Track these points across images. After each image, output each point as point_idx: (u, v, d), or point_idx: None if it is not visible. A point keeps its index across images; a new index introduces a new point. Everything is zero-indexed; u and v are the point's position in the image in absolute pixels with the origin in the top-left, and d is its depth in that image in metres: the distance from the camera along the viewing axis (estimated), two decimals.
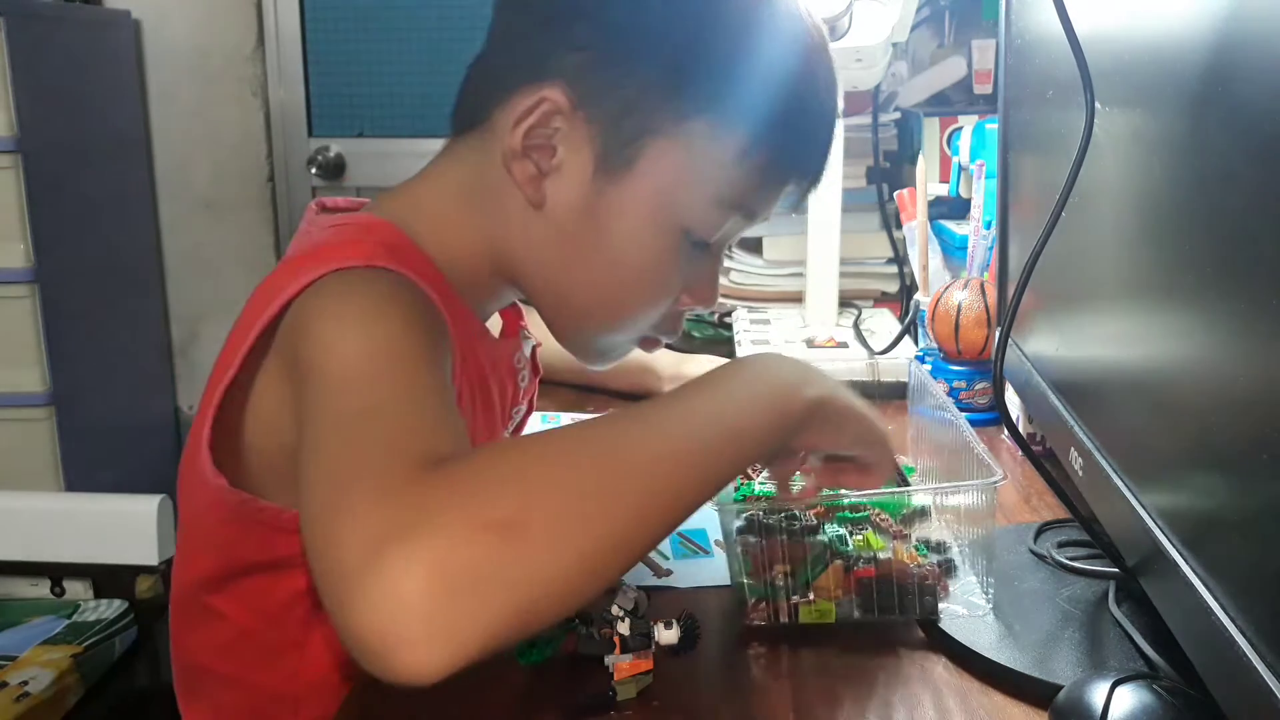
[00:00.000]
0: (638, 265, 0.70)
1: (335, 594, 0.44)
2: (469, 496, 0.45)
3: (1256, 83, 0.42)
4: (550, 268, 0.71)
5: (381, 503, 0.45)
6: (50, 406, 1.99)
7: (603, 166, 0.67)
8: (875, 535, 0.69)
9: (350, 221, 0.71)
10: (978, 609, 0.66)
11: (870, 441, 0.66)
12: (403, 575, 0.42)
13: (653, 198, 0.68)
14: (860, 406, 0.66)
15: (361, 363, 0.56)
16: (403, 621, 0.42)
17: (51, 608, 1.75)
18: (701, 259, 0.72)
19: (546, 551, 0.45)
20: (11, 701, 1.47)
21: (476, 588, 0.43)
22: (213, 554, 0.69)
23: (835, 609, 0.65)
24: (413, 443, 0.49)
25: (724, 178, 0.68)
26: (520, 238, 0.70)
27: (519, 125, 0.66)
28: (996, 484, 0.65)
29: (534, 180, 0.68)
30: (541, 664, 0.61)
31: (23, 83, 1.90)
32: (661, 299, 0.72)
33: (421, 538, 0.43)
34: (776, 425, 0.59)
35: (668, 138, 0.66)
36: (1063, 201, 0.60)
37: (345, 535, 0.44)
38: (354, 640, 0.43)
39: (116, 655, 1.70)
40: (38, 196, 1.94)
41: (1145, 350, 0.56)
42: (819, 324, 1.22)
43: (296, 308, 0.62)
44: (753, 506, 0.69)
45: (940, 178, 1.37)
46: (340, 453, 0.49)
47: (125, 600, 1.77)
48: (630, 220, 0.68)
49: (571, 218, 0.68)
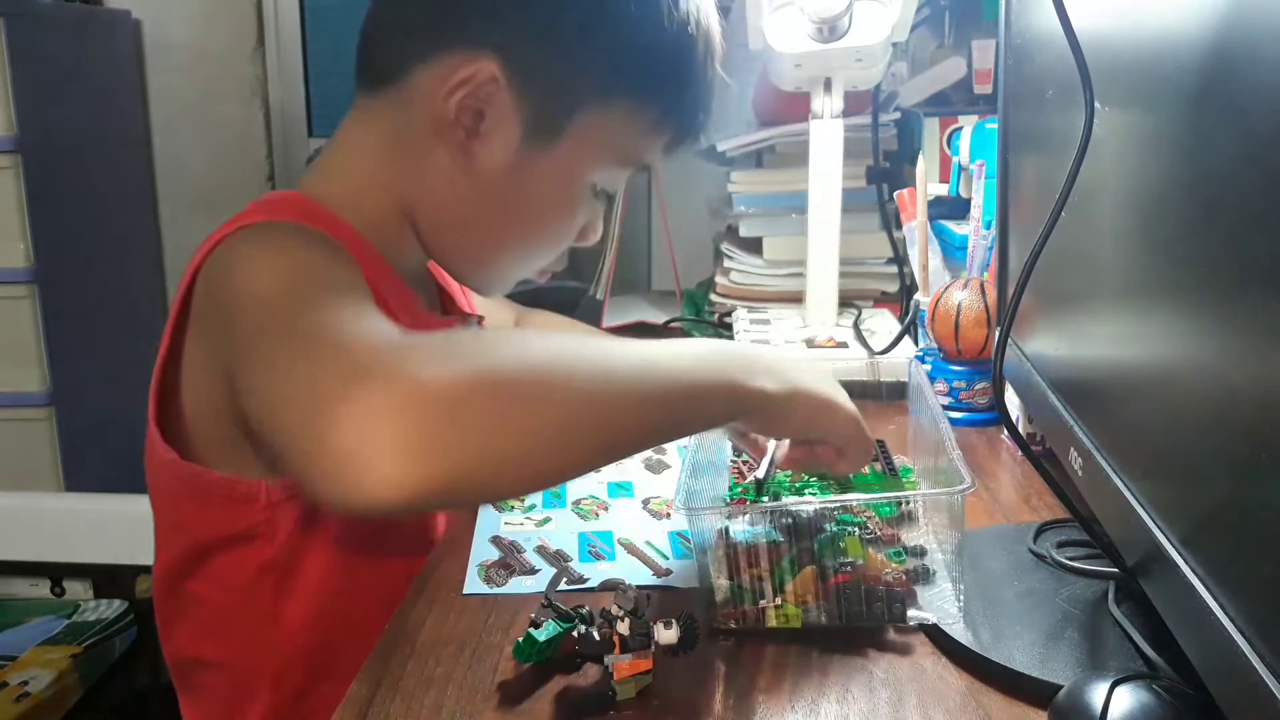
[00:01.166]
0: (552, 218, 0.78)
1: (311, 428, 0.45)
2: (438, 355, 0.48)
3: (1256, 83, 0.42)
4: (467, 222, 0.77)
5: (355, 370, 0.46)
6: (50, 406, 1.99)
7: (531, 135, 0.72)
8: (854, 541, 0.68)
9: (263, 198, 0.74)
10: (949, 616, 0.65)
11: (843, 436, 0.69)
12: (381, 397, 0.45)
13: (574, 163, 0.75)
14: (835, 400, 0.68)
15: (281, 285, 0.57)
16: (374, 438, 0.44)
17: (51, 608, 1.75)
18: (594, 204, 0.80)
19: (506, 421, 0.48)
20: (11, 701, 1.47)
21: (452, 420, 0.45)
22: (179, 536, 0.71)
23: (803, 614, 0.65)
24: (360, 325, 0.50)
25: (639, 147, 0.77)
26: (440, 194, 0.75)
27: (452, 95, 0.70)
28: (963, 492, 0.63)
29: (462, 144, 0.72)
30: (541, 664, 0.61)
31: (23, 83, 1.90)
32: (565, 243, 0.81)
33: (395, 380, 0.45)
34: (723, 406, 0.61)
35: (594, 112, 0.73)
36: (1062, 201, 0.60)
37: (322, 386, 0.46)
38: (323, 464, 0.44)
39: (116, 655, 1.70)
40: (38, 196, 1.94)
41: (1145, 350, 0.56)
42: (819, 324, 1.22)
43: (205, 269, 0.65)
44: (738, 509, 0.69)
45: (940, 178, 1.37)
46: (294, 365, 0.49)
47: (125, 600, 1.77)
48: (551, 182, 0.75)
49: (495, 178, 0.73)
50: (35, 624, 1.70)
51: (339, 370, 0.47)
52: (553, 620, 0.60)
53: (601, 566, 0.74)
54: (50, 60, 2.01)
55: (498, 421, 0.48)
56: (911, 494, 0.77)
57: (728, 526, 0.69)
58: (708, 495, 0.74)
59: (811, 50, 1.10)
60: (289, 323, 0.53)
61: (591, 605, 0.62)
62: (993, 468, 0.92)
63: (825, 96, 1.17)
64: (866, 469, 0.83)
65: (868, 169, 1.38)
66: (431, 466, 0.45)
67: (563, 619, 0.60)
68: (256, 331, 0.55)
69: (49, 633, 1.67)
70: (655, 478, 0.89)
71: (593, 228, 0.82)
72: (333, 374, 0.47)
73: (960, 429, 1.00)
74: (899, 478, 0.82)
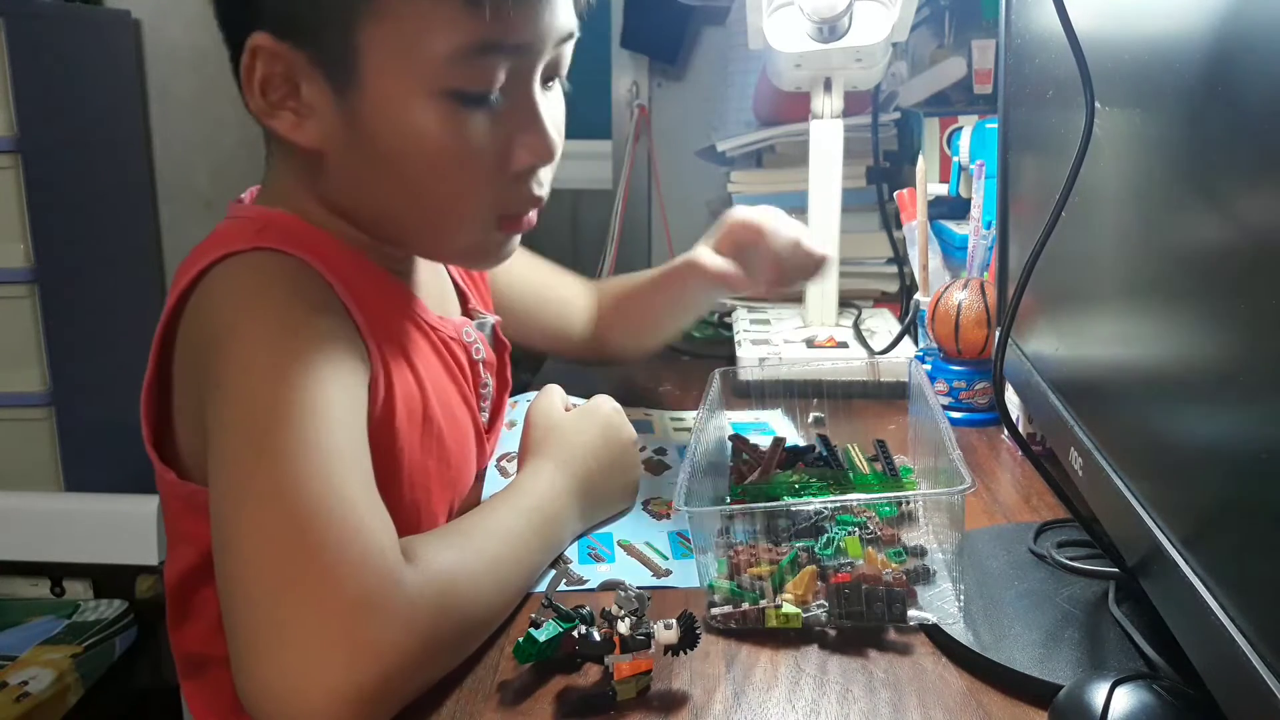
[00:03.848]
0: (423, 153, 0.67)
1: (255, 648, 0.53)
2: (390, 632, 0.54)
3: (1256, 82, 0.42)
4: (361, 200, 0.72)
5: (306, 633, 0.53)
6: (50, 406, 1.99)
7: (336, 82, 0.66)
8: (854, 541, 0.68)
9: (243, 213, 0.72)
10: (949, 616, 0.65)
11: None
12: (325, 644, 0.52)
13: (395, 83, 0.65)
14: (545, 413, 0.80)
15: (265, 387, 0.60)
16: (313, 681, 0.52)
17: (51, 608, 1.75)
18: (514, 112, 0.68)
19: (445, 659, 0.60)
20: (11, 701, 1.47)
21: (390, 680, 0.53)
22: (187, 547, 0.71)
23: (803, 614, 0.65)
24: (327, 553, 0.55)
25: (444, 23, 0.63)
26: (331, 187, 0.71)
27: (251, 83, 0.67)
28: (963, 492, 0.63)
29: (298, 127, 0.68)
30: (541, 664, 0.61)
31: (23, 83, 1.90)
32: (472, 174, 0.69)
33: (337, 671, 0.52)
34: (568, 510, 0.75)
35: (371, 20, 0.63)
36: (1063, 201, 0.60)
37: (274, 654, 0.53)
38: (256, 688, 0.52)
39: (116, 655, 1.70)
40: (38, 196, 1.94)
41: (1145, 350, 0.56)
42: (819, 324, 1.22)
43: (195, 304, 0.66)
44: (738, 509, 0.69)
45: (940, 178, 1.37)
46: (264, 569, 0.55)
47: (125, 600, 1.77)
48: (390, 117, 0.66)
49: (345, 145, 0.68)
50: (35, 624, 1.70)
51: (295, 600, 0.53)
52: (553, 620, 0.60)
53: (601, 568, 0.74)
54: (50, 60, 2.01)
55: (436, 669, 0.59)
56: (911, 494, 0.77)
57: (728, 526, 0.69)
58: (708, 495, 0.74)
59: (811, 50, 1.10)
60: (261, 459, 0.57)
61: (591, 605, 0.62)
62: (993, 468, 0.92)
63: (825, 96, 1.17)
64: (865, 469, 0.83)
65: (868, 169, 1.38)
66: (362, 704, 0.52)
67: (563, 619, 0.60)
68: (234, 431, 0.59)
69: (49, 633, 1.67)
70: (655, 478, 0.89)
71: (533, 137, 0.69)
72: (287, 601, 0.53)
73: (960, 429, 1.00)
74: (899, 478, 0.82)
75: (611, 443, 0.81)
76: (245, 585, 0.55)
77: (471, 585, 0.62)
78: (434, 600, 0.57)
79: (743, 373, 1.06)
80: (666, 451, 0.94)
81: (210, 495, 0.59)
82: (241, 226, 0.70)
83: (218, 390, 0.61)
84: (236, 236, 0.67)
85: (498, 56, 0.65)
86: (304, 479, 0.56)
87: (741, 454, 0.86)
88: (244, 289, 0.65)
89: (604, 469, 0.80)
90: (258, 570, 0.54)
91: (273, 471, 0.57)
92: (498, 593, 0.65)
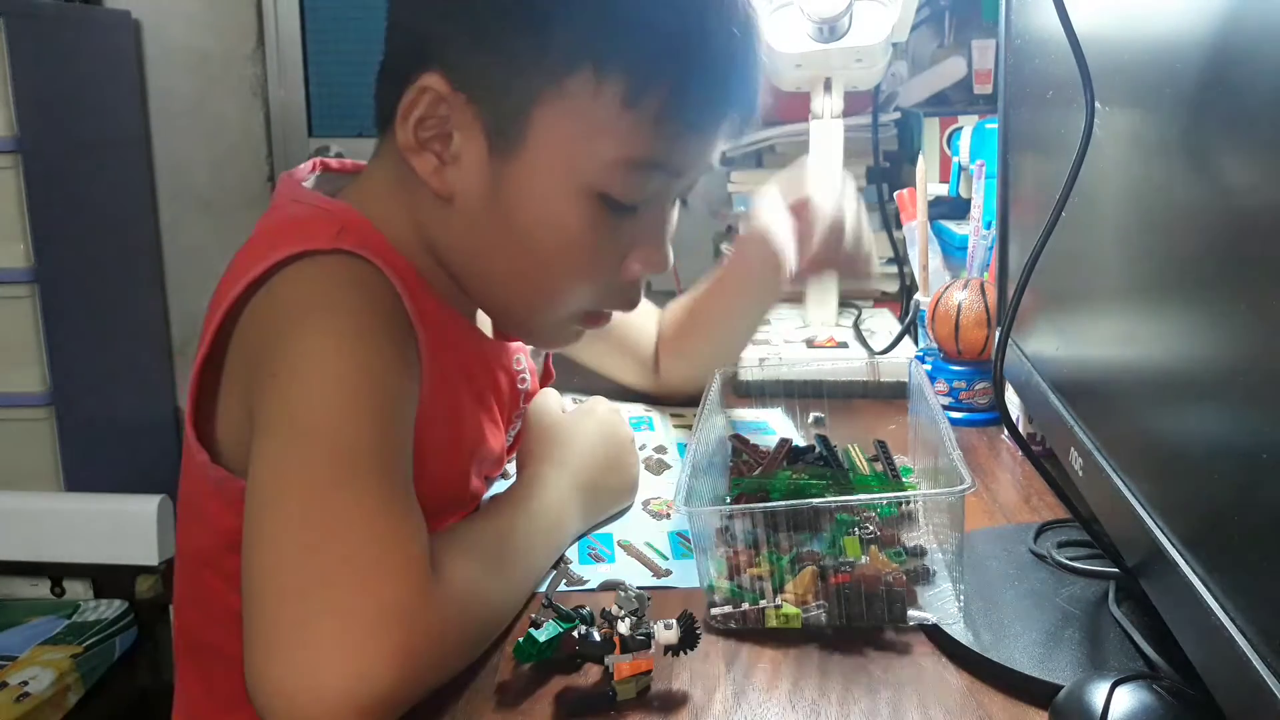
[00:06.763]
0: (554, 241, 0.67)
1: (274, 650, 0.53)
2: (416, 649, 0.53)
3: (1256, 83, 0.42)
4: (471, 256, 0.70)
5: (329, 651, 0.52)
6: (50, 406, 2.00)
7: (496, 146, 0.65)
8: (854, 541, 0.68)
9: (317, 202, 0.70)
10: (949, 617, 0.64)
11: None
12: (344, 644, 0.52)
13: (553, 168, 0.65)
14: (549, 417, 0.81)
15: (328, 413, 0.59)
16: (327, 675, 0.51)
17: (51, 608, 1.75)
18: (643, 222, 0.69)
19: (454, 662, 0.60)
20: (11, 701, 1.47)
21: (407, 676, 0.53)
22: (204, 528, 0.70)
23: (803, 614, 0.65)
24: (364, 558, 0.55)
25: (622, 132, 0.64)
26: (440, 230, 0.70)
27: (407, 118, 0.66)
28: (963, 492, 0.63)
29: (437, 172, 0.67)
30: (541, 664, 0.61)
31: (23, 83, 1.90)
32: (589, 272, 0.69)
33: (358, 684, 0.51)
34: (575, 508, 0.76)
35: (551, 102, 0.63)
36: (1063, 201, 0.60)
37: (295, 662, 0.52)
38: (270, 685, 0.52)
39: (116, 655, 1.70)
40: (38, 196, 1.95)
41: (1145, 350, 0.56)
42: (819, 324, 1.22)
43: (261, 307, 0.64)
44: (738, 509, 0.69)
45: (940, 178, 1.37)
46: (297, 566, 0.55)
47: (125, 600, 1.77)
48: (536, 196, 0.66)
49: (479, 204, 0.67)
50: (35, 624, 1.70)
51: (324, 600, 0.53)
52: (553, 620, 0.60)
53: (601, 568, 0.74)
54: (50, 60, 2.01)
55: (446, 675, 0.59)
56: (911, 494, 0.77)
57: (728, 526, 0.69)
58: (708, 495, 0.74)
59: (811, 50, 1.10)
60: (312, 455, 0.57)
61: (591, 605, 0.62)
62: (993, 468, 0.92)
63: (825, 96, 1.17)
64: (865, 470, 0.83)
65: (868, 169, 1.38)
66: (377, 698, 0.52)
67: (563, 619, 0.60)
68: (285, 424, 0.58)
69: (49, 633, 1.67)
70: (655, 478, 0.89)
71: (652, 250, 0.70)
72: (316, 601, 0.53)
73: (960, 429, 1.00)
74: (899, 478, 0.82)
75: (610, 441, 0.81)
76: (276, 577, 0.54)
77: (488, 596, 0.63)
78: (456, 614, 0.58)
79: (743, 373, 1.06)
80: (666, 451, 0.94)
81: (249, 483, 0.58)
82: (320, 221, 0.67)
83: (273, 380, 0.60)
84: (317, 233, 0.64)
85: (656, 174, 0.67)
86: (349, 481, 0.56)
87: (741, 454, 0.86)
88: (320, 291, 0.63)
89: (603, 468, 0.80)
90: (290, 565, 0.54)
91: (322, 470, 0.56)
92: (509, 600, 0.66)
